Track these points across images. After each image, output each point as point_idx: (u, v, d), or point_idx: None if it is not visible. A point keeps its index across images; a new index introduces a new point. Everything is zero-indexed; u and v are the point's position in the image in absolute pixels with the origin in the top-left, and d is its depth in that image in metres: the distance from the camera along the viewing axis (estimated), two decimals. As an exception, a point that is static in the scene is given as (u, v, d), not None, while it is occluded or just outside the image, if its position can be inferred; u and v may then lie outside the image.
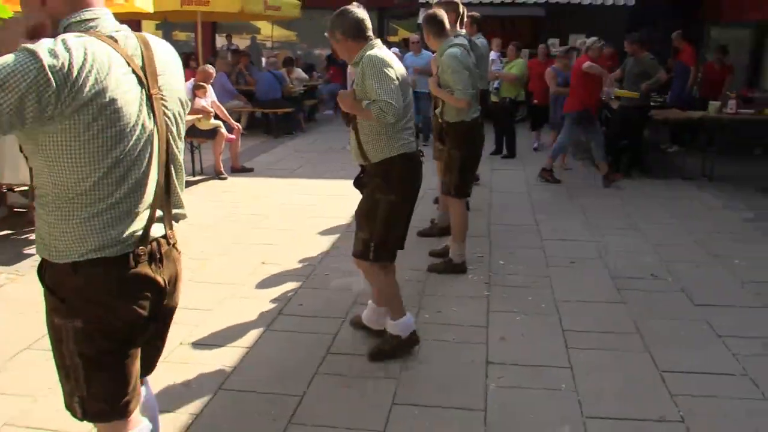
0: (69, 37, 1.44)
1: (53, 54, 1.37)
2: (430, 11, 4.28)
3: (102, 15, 1.58)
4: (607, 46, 8.97)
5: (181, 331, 3.46)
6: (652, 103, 7.95)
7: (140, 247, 1.63)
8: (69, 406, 1.71)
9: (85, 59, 1.41)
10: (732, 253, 4.90)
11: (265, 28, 17.55)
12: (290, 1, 10.70)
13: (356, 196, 3.21)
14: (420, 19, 12.93)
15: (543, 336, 3.51)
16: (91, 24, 1.54)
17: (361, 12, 3.00)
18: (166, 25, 16.82)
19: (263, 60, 11.17)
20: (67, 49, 1.39)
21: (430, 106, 9.77)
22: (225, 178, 7.24)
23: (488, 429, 2.65)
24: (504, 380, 3.04)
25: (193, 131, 7.12)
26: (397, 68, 2.97)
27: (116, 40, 1.54)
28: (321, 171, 7.83)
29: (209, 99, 7.24)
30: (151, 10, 6.71)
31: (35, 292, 3.80)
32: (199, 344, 3.37)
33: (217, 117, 7.32)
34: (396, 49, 10.06)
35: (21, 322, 3.56)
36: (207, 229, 5.38)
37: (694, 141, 8.60)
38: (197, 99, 7.05)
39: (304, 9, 11.85)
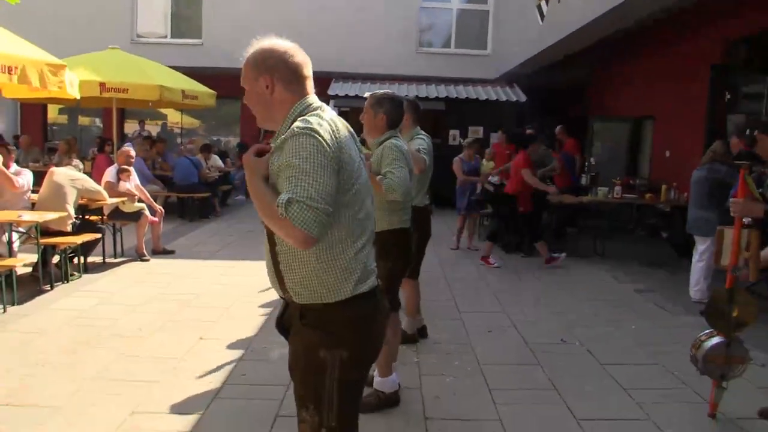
0: (315, 118, 1.83)
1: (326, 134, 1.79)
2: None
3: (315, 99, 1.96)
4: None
5: (130, 401, 3.52)
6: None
7: (379, 279, 2.01)
8: None
9: (338, 132, 1.85)
10: (627, 320, 5.53)
11: (173, 115, 17.77)
12: (206, 91, 11.06)
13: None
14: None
15: (472, 394, 3.85)
16: (316, 106, 1.93)
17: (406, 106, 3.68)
18: (72, 110, 16.68)
19: (181, 147, 11.39)
20: (330, 129, 1.82)
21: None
22: (147, 260, 7.24)
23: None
24: (443, 433, 3.34)
25: (117, 214, 7.18)
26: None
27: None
28: (243, 252, 8.00)
29: (133, 182, 7.35)
30: (77, 96, 6.88)
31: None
32: (151, 413, 3.43)
33: (140, 200, 7.40)
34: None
35: None
36: (139, 308, 5.41)
37: (580, 223, 9.59)
38: (122, 182, 7.15)
39: (218, 99, 12.25)
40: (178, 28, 15.29)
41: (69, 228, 6.24)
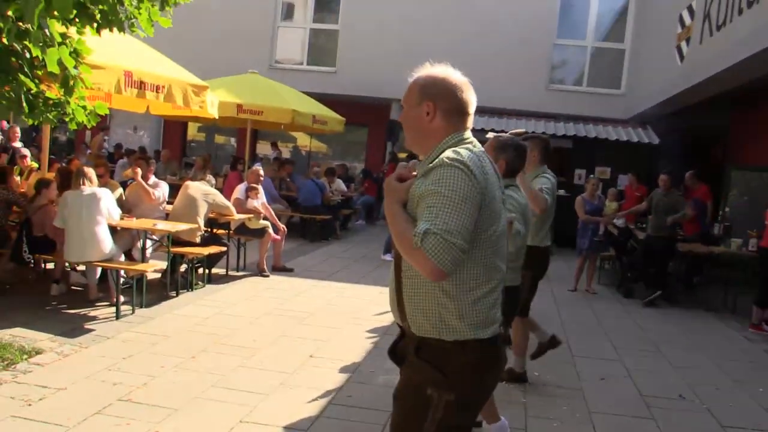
0: (466, 151, 1.84)
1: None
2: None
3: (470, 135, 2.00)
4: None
5: (240, 410, 3.72)
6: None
7: (501, 328, 1.95)
8: None
9: (486, 168, 1.87)
10: (754, 381, 5.09)
11: (302, 139, 18.65)
12: (335, 117, 11.56)
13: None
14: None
15: (580, 444, 3.71)
16: (470, 140, 1.95)
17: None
18: (209, 128, 17.98)
19: (315, 169, 11.96)
20: (480, 164, 1.84)
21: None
22: (267, 276, 7.61)
23: None
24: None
25: (242, 229, 7.62)
26: None
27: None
28: (358, 276, 8.21)
29: (260, 200, 7.80)
30: (216, 116, 7.43)
31: (97, 363, 4.14)
32: (258, 424, 3.60)
33: (265, 218, 7.83)
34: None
35: (90, 389, 3.86)
36: (256, 321, 5.71)
37: (707, 273, 8.94)
38: (249, 200, 7.61)
39: (346, 125, 12.74)
40: (314, 56, 16.12)
41: (198, 239, 6.71)
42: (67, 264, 5.92)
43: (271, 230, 7.75)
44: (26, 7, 2.93)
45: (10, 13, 3.53)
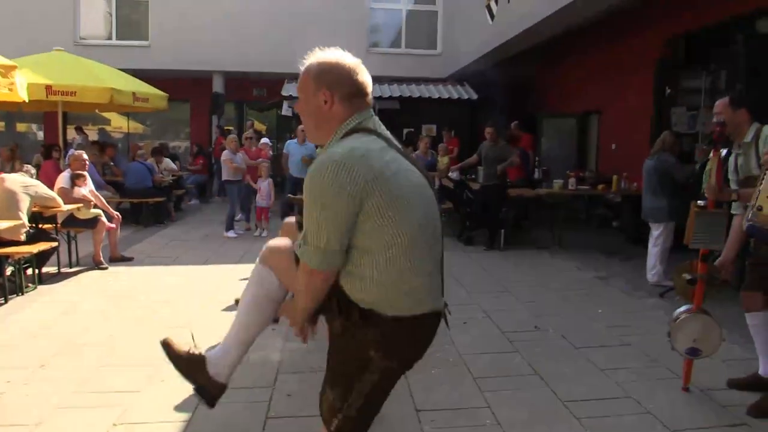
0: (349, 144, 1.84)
1: None
2: None
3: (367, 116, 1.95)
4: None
5: (111, 413, 3.43)
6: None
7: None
8: (326, 420, 2.01)
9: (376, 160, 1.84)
10: (594, 306, 5.72)
11: (117, 120, 17.26)
12: (158, 93, 10.78)
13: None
14: (284, 111, 13.64)
15: (459, 384, 3.91)
16: (365, 126, 1.92)
17: None
18: (9, 115, 16.01)
19: (139, 150, 11.09)
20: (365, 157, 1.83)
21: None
22: (105, 268, 7.01)
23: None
24: (436, 423, 3.38)
25: (71, 221, 6.91)
26: None
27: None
28: (204, 256, 7.86)
29: (88, 188, 7.12)
30: (26, 99, 6.62)
31: None
32: (134, 423, 3.34)
33: (95, 206, 7.17)
34: (266, 140, 10.56)
35: None
36: (105, 317, 5.25)
37: (533, 215, 9.88)
38: (76, 188, 6.91)
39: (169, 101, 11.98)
40: (123, 30, 14.87)
41: (23, 237, 5.98)
42: None
43: (104, 218, 7.12)
44: None
45: None
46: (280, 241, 2.27)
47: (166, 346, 2.39)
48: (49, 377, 3.96)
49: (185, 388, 3.75)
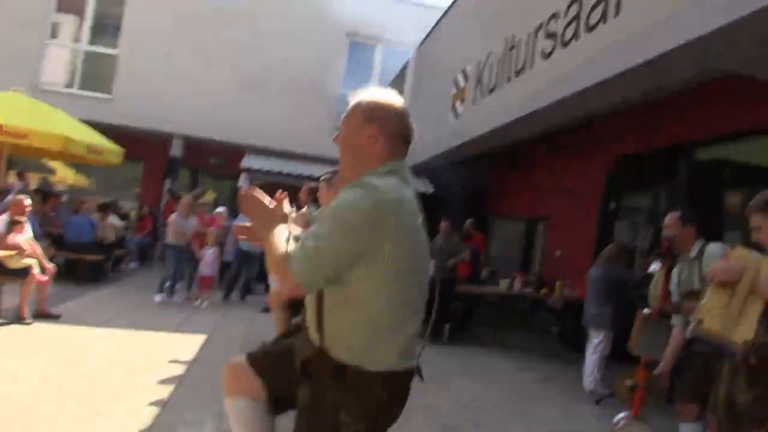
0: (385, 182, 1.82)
1: None
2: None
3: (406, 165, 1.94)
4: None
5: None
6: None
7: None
8: None
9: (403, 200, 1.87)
10: (532, 407, 5.69)
11: (63, 171, 16.76)
12: (113, 148, 10.49)
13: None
14: (241, 182, 13.57)
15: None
16: (404, 172, 1.94)
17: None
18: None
19: (85, 204, 10.72)
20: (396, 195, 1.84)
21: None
22: (29, 323, 6.57)
23: None
24: None
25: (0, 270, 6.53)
26: None
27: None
28: (137, 322, 7.49)
29: (25, 236, 6.79)
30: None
31: None
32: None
33: (29, 256, 6.81)
34: (223, 209, 10.44)
35: None
36: (22, 378, 4.87)
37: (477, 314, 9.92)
38: (12, 234, 6.58)
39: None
40: (87, 81, 14.74)
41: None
42: None
43: (36, 270, 6.76)
44: None
45: None
46: (233, 362, 2.25)
47: None
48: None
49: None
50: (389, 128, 1.90)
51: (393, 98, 1.96)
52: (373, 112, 1.90)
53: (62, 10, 14.86)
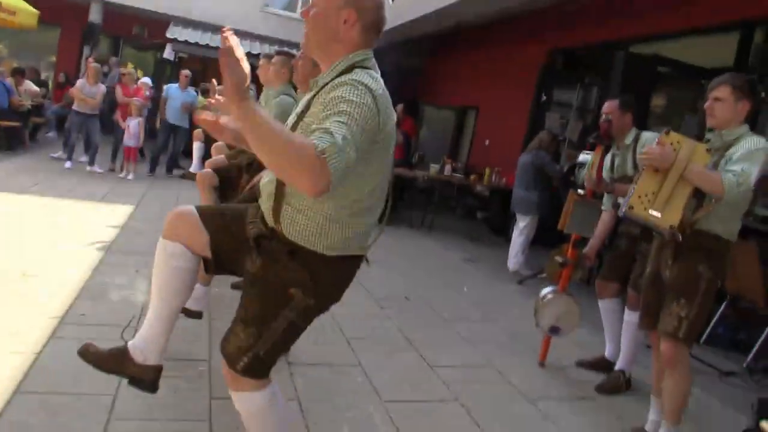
0: (371, 79, 1.72)
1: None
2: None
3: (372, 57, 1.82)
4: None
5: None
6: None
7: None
8: (233, 359, 1.88)
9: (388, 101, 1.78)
10: (459, 283, 5.99)
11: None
12: (28, 9, 9.58)
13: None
14: (166, 54, 12.80)
15: (331, 343, 3.92)
16: (372, 64, 1.84)
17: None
18: None
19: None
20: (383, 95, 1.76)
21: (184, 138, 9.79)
22: (-56, 189, 6.21)
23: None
24: (307, 376, 3.36)
25: None
26: None
27: None
28: (61, 191, 7.20)
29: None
30: None
31: None
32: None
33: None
34: (147, 79, 9.89)
35: None
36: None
37: (407, 197, 10.14)
38: None
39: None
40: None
41: None
42: None
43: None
44: None
45: None
46: (182, 208, 2.15)
47: (85, 354, 2.18)
48: None
49: (33, 321, 3.44)
50: (367, 17, 1.80)
51: None
52: None
53: None
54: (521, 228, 6.82)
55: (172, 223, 2.12)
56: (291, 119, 1.94)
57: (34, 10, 9.85)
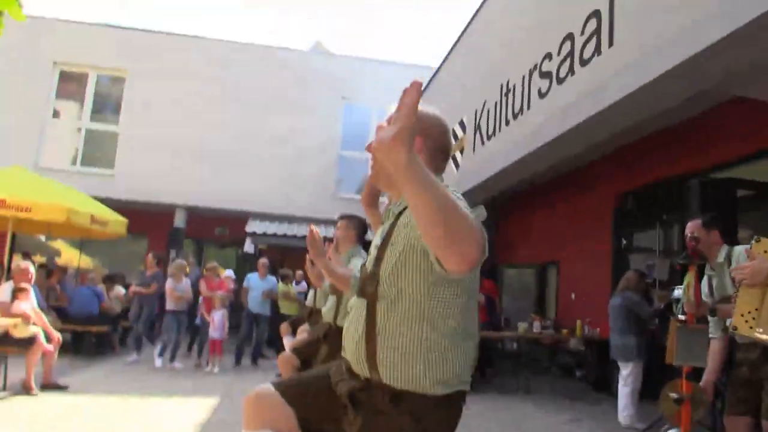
0: None
1: None
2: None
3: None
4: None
5: None
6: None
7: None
8: None
9: None
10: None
11: (66, 252, 16.67)
12: (117, 218, 10.40)
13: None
14: (246, 248, 13.49)
15: None
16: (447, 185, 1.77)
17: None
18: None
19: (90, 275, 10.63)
20: None
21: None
22: (36, 395, 6.33)
23: None
24: None
25: (4, 340, 6.34)
26: None
27: None
28: (149, 389, 7.22)
29: (30, 304, 6.63)
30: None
31: None
32: None
33: (34, 325, 6.64)
34: (230, 272, 10.31)
35: None
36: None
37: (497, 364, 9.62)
38: (17, 302, 6.43)
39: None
40: (89, 158, 14.95)
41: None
42: None
43: (42, 339, 6.56)
44: None
45: None
46: (259, 389, 2.00)
47: None
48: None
49: None
50: (433, 142, 1.79)
51: (437, 111, 1.86)
52: (422, 123, 1.74)
53: (62, 96, 15.22)
54: (625, 377, 6.25)
55: (252, 410, 1.95)
56: (373, 252, 1.84)
57: (123, 219, 10.60)
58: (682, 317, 3.47)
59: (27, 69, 14.37)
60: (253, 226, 13.35)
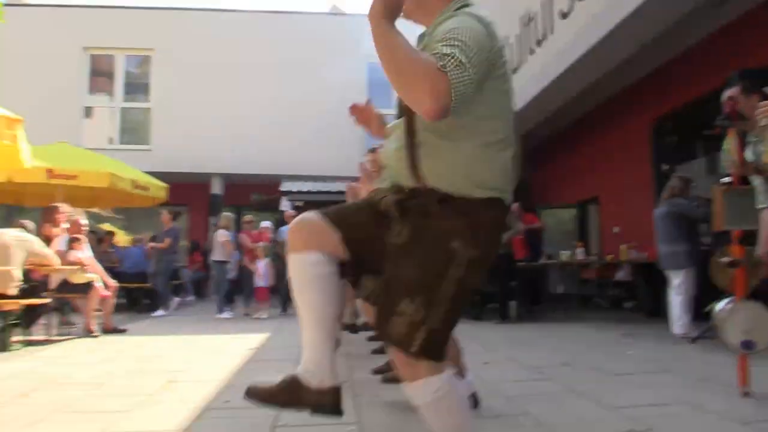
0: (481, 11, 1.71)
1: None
2: None
3: None
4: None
5: (96, 426, 3.00)
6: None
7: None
8: (406, 341, 1.68)
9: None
10: (622, 351, 5.38)
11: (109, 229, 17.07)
12: (157, 183, 10.62)
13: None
14: (283, 206, 13.63)
15: (492, 396, 3.49)
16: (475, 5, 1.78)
17: None
18: (9, 212, 15.82)
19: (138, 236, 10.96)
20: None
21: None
22: (96, 336, 6.57)
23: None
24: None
25: (64, 286, 6.57)
26: None
27: None
28: (201, 331, 7.43)
29: (85, 253, 6.85)
30: (27, 162, 6.46)
31: None
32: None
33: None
34: (268, 223, 10.42)
35: None
36: (97, 367, 4.81)
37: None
38: (72, 251, 6.65)
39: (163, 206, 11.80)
40: (127, 135, 15.33)
41: (12, 291, 5.63)
42: None
43: (99, 284, 6.78)
44: None
45: None
46: (302, 217, 1.96)
47: (253, 393, 1.93)
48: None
49: (181, 408, 3.35)
50: None
51: None
52: None
53: (95, 79, 15.57)
54: (677, 286, 6.11)
55: (297, 234, 1.92)
56: None
57: (163, 183, 10.82)
58: (725, 180, 3.37)
59: (59, 55, 14.71)
60: (287, 186, 13.48)
